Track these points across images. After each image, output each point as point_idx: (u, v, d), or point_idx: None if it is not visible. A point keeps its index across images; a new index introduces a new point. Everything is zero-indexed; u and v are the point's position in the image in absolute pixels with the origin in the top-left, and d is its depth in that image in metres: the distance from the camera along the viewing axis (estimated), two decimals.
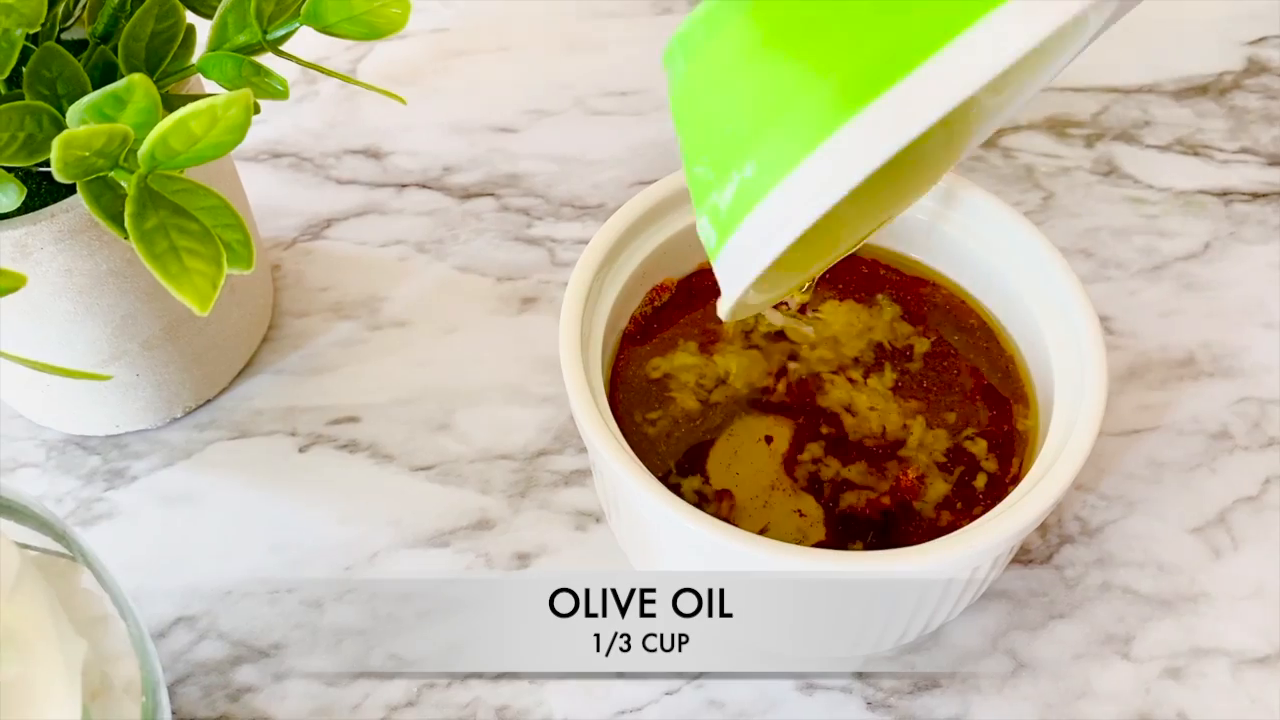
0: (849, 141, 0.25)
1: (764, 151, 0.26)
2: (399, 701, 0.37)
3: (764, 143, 0.26)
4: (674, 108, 0.29)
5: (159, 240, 0.27)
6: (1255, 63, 0.53)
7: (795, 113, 0.25)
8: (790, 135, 0.25)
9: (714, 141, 0.27)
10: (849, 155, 0.25)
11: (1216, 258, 0.47)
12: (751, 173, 0.26)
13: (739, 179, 0.26)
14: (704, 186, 0.28)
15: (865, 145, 0.25)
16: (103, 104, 0.27)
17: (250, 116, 0.26)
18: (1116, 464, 0.41)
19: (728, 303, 0.30)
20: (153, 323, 0.38)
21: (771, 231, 0.26)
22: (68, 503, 0.41)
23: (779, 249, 0.26)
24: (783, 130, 0.26)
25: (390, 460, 0.42)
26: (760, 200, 0.26)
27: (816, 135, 0.25)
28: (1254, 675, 0.37)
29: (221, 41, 0.32)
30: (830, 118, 0.25)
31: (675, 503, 0.32)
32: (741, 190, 0.27)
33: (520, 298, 0.46)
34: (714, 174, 0.27)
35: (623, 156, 0.50)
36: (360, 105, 0.52)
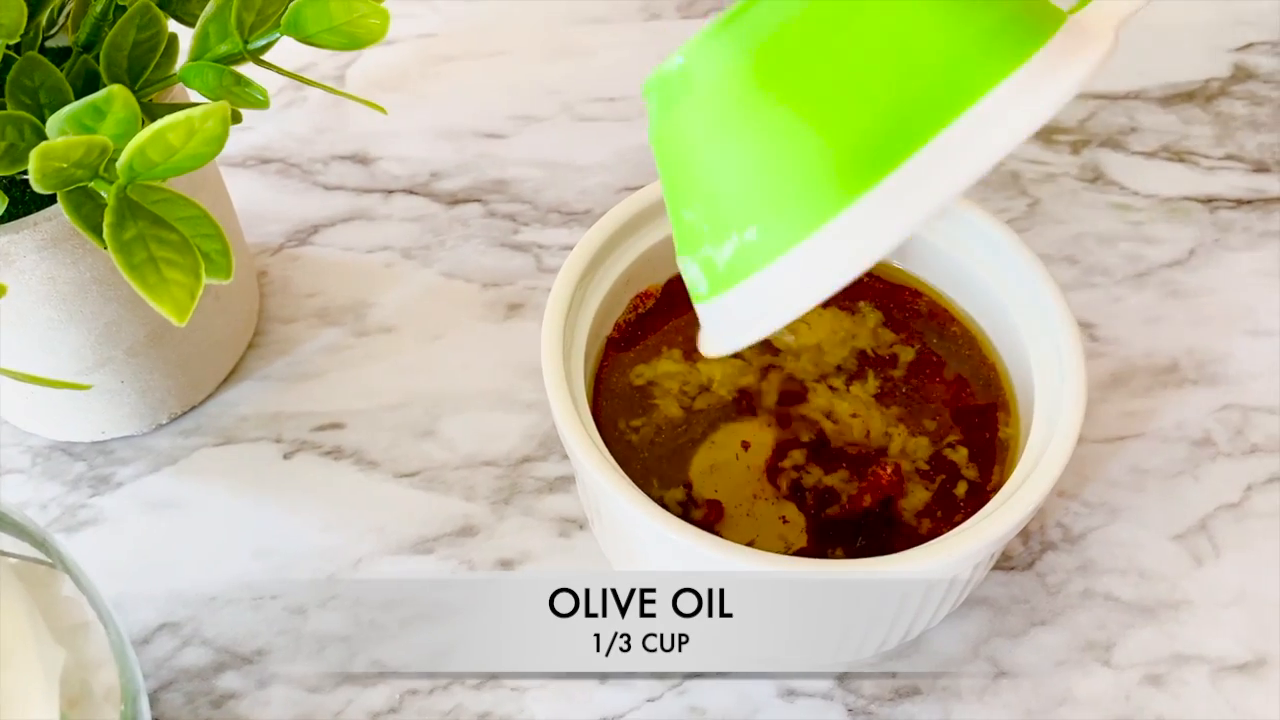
0: (857, 223, 0.25)
1: (766, 219, 0.25)
2: (381, 708, 0.37)
3: (766, 210, 0.25)
4: (656, 144, 0.28)
5: (137, 251, 0.27)
6: (1242, 69, 0.54)
7: (799, 183, 0.25)
8: (795, 207, 0.25)
9: (706, 191, 0.27)
10: (856, 239, 0.25)
11: (1201, 265, 0.47)
12: (753, 238, 0.26)
13: (738, 240, 0.26)
14: (694, 234, 0.27)
15: (874, 229, 0.25)
16: (82, 115, 0.27)
17: (228, 128, 0.26)
18: (1099, 471, 0.41)
19: (715, 348, 0.30)
20: (137, 329, 0.38)
21: (770, 304, 0.26)
22: (53, 509, 0.41)
23: (778, 324, 0.26)
24: (787, 201, 0.25)
25: (375, 467, 0.42)
26: (760, 268, 0.26)
27: (823, 212, 0.25)
28: (1234, 682, 0.37)
29: (203, 51, 0.32)
30: (837, 194, 0.25)
31: (656, 512, 0.32)
32: (741, 253, 0.26)
33: (506, 304, 0.46)
34: (707, 226, 0.27)
35: (610, 162, 0.50)
36: (348, 111, 0.52)
